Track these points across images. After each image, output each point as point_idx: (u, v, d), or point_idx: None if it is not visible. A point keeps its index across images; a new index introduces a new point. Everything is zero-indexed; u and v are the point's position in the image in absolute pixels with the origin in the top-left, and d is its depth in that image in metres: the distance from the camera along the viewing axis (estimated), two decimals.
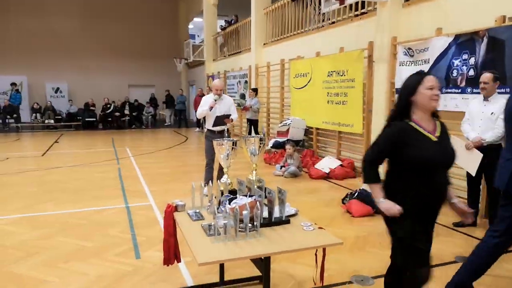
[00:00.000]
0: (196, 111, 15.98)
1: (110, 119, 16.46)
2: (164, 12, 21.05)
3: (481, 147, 3.99)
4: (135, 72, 20.61)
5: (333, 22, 7.81)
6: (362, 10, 7.00)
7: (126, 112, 16.86)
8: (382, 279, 3.09)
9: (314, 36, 8.46)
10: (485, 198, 4.44)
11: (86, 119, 16.29)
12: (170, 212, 2.63)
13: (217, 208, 2.42)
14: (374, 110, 6.44)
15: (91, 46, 19.60)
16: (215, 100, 5.30)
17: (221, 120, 5.26)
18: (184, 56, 17.79)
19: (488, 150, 3.97)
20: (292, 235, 2.20)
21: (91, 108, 16.72)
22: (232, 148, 2.78)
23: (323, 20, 7.92)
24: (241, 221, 2.21)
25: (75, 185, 6.37)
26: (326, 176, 6.78)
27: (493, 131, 3.93)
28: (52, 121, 15.84)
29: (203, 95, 14.80)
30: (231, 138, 2.98)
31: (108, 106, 16.69)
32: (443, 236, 4.10)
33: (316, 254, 2.32)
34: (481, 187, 4.37)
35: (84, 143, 11.98)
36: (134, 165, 8.11)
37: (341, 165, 6.96)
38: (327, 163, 7.03)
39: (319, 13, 7.30)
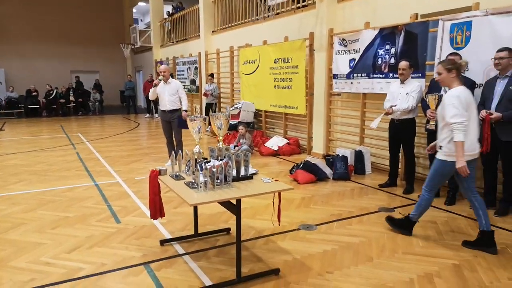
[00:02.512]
0: (145, 96, 16.20)
1: (54, 106, 16.06)
2: None
3: (397, 120, 4.95)
4: (78, 58, 20.05)
5: (278, 13, 8.54)
6: (303, 3, 7.80)
7: (71, 98, 16.50)
8: (323, 226, 3.97)
9: (261, 25, 9.14)
10: (403, 164, 5.46)
11: (29, 106, 15.75)
12: (155, 176, 3.21)
13: (194, 170, 3.05)
14: (315, 93, 7.33)
15: (30, 31, 18.74)
16: (160, 80, 6.26)
17: (184, 124, 5.83)
18: (131, 41, 17.66)
19: (404, 124, 4.96)
20: (256, 185, 2.92)
21: (33, 94, 16.15)
22: (204, 123, 3.42)
23: (268, 11, 8.61)
24: (217, 178, 2.88)
25: (39, 168, 6.61)
26: (275, 153, 7.60)
27: (406, 104, 4.88)
28: None
29: (153, 80, 15.00)
30: (199, 115, 3.60)
31: (51, 92, 16.24)
32: (371, 194, 5.07)
33: (273, 202, 3.06)
34: (400, 155, 5.38)
35: (31, 130, 11.79)
36: (91, 149, 8.37)
37: (288, 143, 7.81)
38: (275, 142, 7.85)
39: (265, 4, 7.98)
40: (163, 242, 3.54)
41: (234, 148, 7.86)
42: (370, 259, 3.21)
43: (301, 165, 5.77)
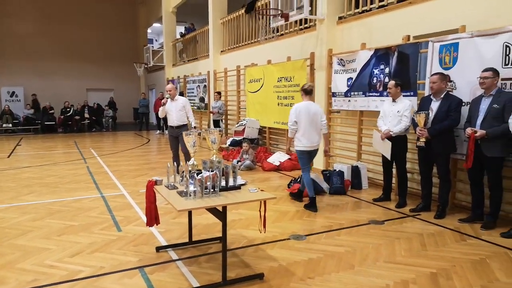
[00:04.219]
0: (156, 114, 16.74)
1: (70, 122, 16.65)
2: (123, 17, 21.46)
3: (390, 138, 5.13)
4: (93, 76, 20.81)
5: (282, 34, 8.89)
6: (305, 25, 8.13)
7: (86, 115, 17.10)
8: (313, 236, 4.15)
9: (265, 46, 9.49)
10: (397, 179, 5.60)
11: (46, 123, 16.38)
12: (151, 185, 3.47)
13: (188, 180, 3.30)
14: None
15: (48, 50, 19.63)
16: (167, 98, 6.68)
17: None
18: (144, 60, 18.30)
19: (396, 141, 5.14)
20: (242, 195, 3.15)
21: (50, 111, 16.81)
22: (198, 137, 3.68)
23: (273, 32, 8.97)
24: (206, 188, 3.13)
25: (50, 180, 6.95)
26: (277, 168, 7.82)
27: (400, 125, 5.09)
28: (10, 125, 15.82)
29: (163, 98, 15.49)
30: (196, 130, 3.88)
31: (68, 109, 16.86)
32: (364, 208, 5.22)
33: (260, 210, 3.28)
34: (393, 170, 5.53)
35: (47, 146, 12.28)
36: (101, 164, 8.72)
37: (289, 158, 8.01)
38: (277, 157, 8.07)
39: (269, 26, 8.33)
40: (158, 248, 3.77)
41: (238, 163, 8.11)
42: (352, 266, 3.37)
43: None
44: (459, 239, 4.02)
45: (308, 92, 5.24)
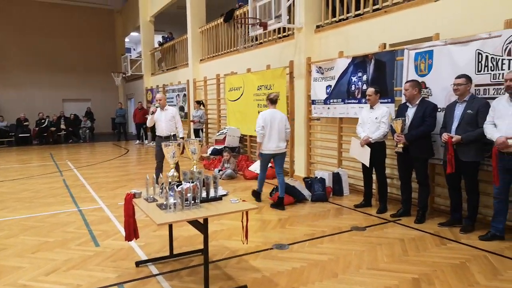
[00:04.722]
0: (135, 124, 16.44)
1: (45, 134, 16.20)
2: (100, 26, 21.16)
3: (369, 144, 5.19)
4: (70, 86, 20.39)
5: (261, 43, 8.93)
6: (284, 34, 8.19)
7: (62, 126, 16.70)
8: (296, 245, 4.12)
9: (245, 54, 9.51)
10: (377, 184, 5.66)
11: (20, 135, 15.89)
12: (130, 199, 3.38)
13: (168, 192, 3.23)
14: (296, 118, 7.59)
15: (22, 60, 19.14)
16: (156, 107, 6.62)
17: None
18: (122, 70, 18.06)
19: (375, 147, 5.19)
20: (223, 206, 3.10)
21: (25, 123, 16.33)
22: (178, 148, 3.62)
23: (252, 40, 9.00)
24: (186, 200, 3.07)
25: (24, 195, 6.72)
26: None
27: (378, 132, 5.15)
28: None
29: (143, 108, 15.30)
30: (177, 141, 3.82)
31: (43, 121, 16.42)
32: (345, 214, 5.24)
33: (242, 221, 3.24)
34: (373, 176, 5.58)
35: (21, 159, 11.91)
36: (78, 176, 8.50)
37: (271, 166, 7.98)
38: (258, 165, 8.03)
39: (248, 35, 8.35)
40: (138, 263, 3.67)
41: (219, 172, 8.05)
42: (335, 275, 3.36)
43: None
44: (439, 243, 4.07)
45: (273, 101, 5.65)
